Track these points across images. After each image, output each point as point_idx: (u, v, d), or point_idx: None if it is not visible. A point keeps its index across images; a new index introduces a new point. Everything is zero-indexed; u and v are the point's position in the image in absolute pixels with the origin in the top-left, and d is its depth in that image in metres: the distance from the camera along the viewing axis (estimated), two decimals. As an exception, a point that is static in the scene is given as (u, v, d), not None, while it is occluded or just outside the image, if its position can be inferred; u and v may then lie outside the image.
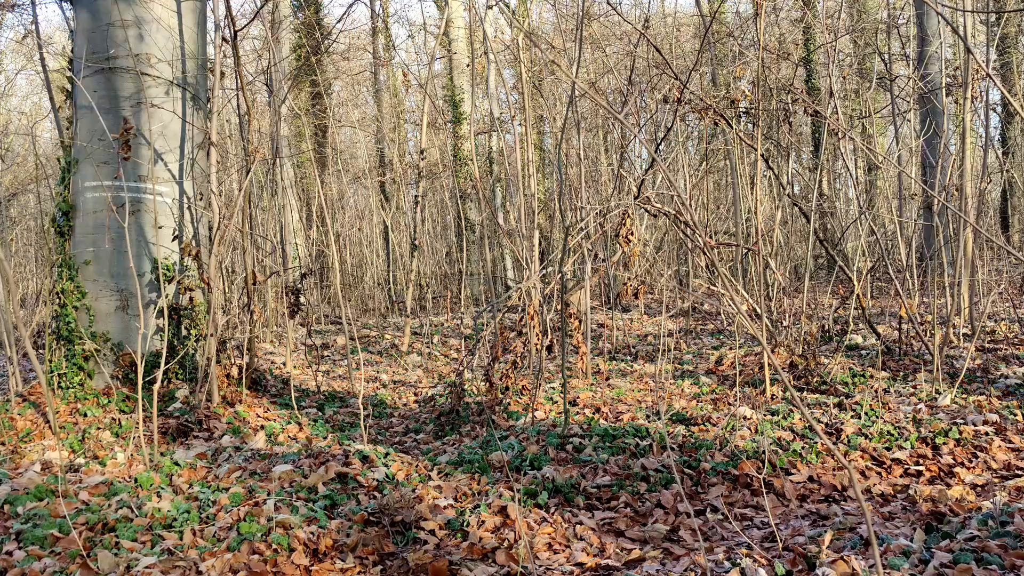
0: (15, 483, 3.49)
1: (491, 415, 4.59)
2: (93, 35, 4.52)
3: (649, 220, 10.31)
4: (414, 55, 19.76)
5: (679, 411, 4.54)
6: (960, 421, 3.91)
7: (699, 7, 9.38)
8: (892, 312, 7.23)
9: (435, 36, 14.58)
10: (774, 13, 9.81)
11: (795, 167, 12.40)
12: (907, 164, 8.93)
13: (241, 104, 6.26)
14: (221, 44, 5.26)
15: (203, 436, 4.23)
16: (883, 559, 2.39)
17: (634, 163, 11.77)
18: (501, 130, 12.52)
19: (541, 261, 8.96)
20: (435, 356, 7.75)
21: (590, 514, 3.27)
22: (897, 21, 11.52)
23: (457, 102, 11.98)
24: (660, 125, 11.00)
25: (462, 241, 10.32)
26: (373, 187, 14.56)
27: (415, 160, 11.93)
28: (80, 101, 4.50)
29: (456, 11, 12.00)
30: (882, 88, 13.00)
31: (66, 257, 4.49)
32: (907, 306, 5.22)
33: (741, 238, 7.38)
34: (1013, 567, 2.26)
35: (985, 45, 8.40)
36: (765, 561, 2.43)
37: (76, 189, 4.52)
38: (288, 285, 5.97)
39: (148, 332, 4.39)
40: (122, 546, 2.91)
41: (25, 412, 4.20)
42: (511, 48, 11.95)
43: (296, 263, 10.44)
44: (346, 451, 3.98)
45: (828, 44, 6.11)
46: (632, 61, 8.27)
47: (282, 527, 3.09)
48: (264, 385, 5.22)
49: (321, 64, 13.61)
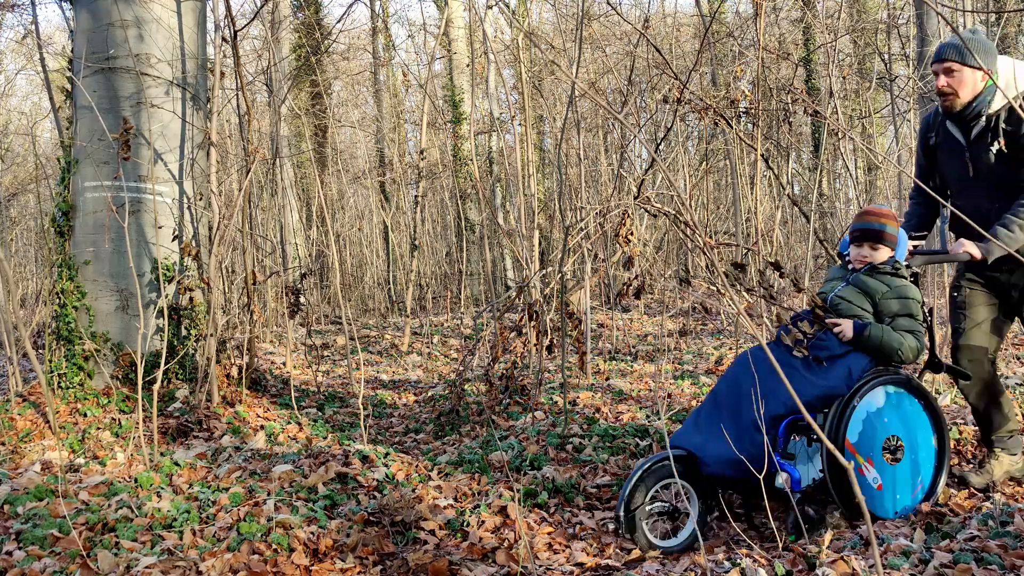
0: (15, 483, 3.49)
1: (491, 415, 4.59)
2: (93, 35, 4.52)
3: (649, 220, 10.31)
4: (414, 55, 19.78)
5: (679, 411, 4.55)
6: (960, 421, 3.91)
7: (699, 7, 9.39)
8: (892, 312, 7.22)
9: (435, 36, 14.59)
10: (774, 13, 9.81)
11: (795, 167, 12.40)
12: (907, 164, 8.93)
13: (241, 104, 6.26)
14: (221, 44, 5.26)
15: (203, 436, 4.23)
16: (883, 559, 2.39)
17: (634, 163, 11.77)
18: (501, 130, 12.53)
19: (541, 261, 8.96)
20: (435, 356, 7.75)
21: (590, 514, 3.27)
22: (897, 21, 11.53)
23: (457, 102, 11.98)
24: (660, 125, 11.00)
25: (462, 241, 10.32)
26: (373, 187, 14.56)
27: (415, 160, 11.93)
28: (80, 101, 4.50)
29: (456, 11, 12.01)
30: (882, 88, 13.01)
31: (66, 257, 4.49)
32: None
33: (741, 238, 7.38)
34: (1013, 567, 2.26)
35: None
36: (765, 561, 2.43)
37: (76, 189, 4.52)
38: (288, 285, 5.97)
39: (148, 332, 4.39)
40: (122, 546, 2.91)
41: (25, 412, 4.20)
42: (511, 48, 11.95)
43: (296, 263, 10.44)
44: (346, 451, 3.98)
45: (828, 44, 6.11)
46: (632, 61, 8.27)
47: (282, 527, 3.09)
48: (264, 385, 5.22)
49: (321, 64, 13.62)
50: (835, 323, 3.04)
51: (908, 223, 3.47)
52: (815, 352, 2.98)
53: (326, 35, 13.49)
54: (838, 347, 3.00)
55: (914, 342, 2.99)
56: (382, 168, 15.34)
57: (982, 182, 3.12)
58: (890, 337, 2.98)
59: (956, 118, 3.11)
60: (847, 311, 3.09)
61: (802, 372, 2.95)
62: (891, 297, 3.06)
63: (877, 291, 3.08)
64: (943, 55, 3.02)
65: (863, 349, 3.00)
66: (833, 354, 2.99)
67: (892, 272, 3.11)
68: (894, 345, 2.96)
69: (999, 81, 2.99)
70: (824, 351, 3.00)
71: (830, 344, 3.01)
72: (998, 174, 3.06)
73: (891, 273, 3.11)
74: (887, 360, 3.02)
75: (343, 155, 16.44)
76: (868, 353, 3.00)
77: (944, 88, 3.04)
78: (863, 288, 3.11)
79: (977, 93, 3.02)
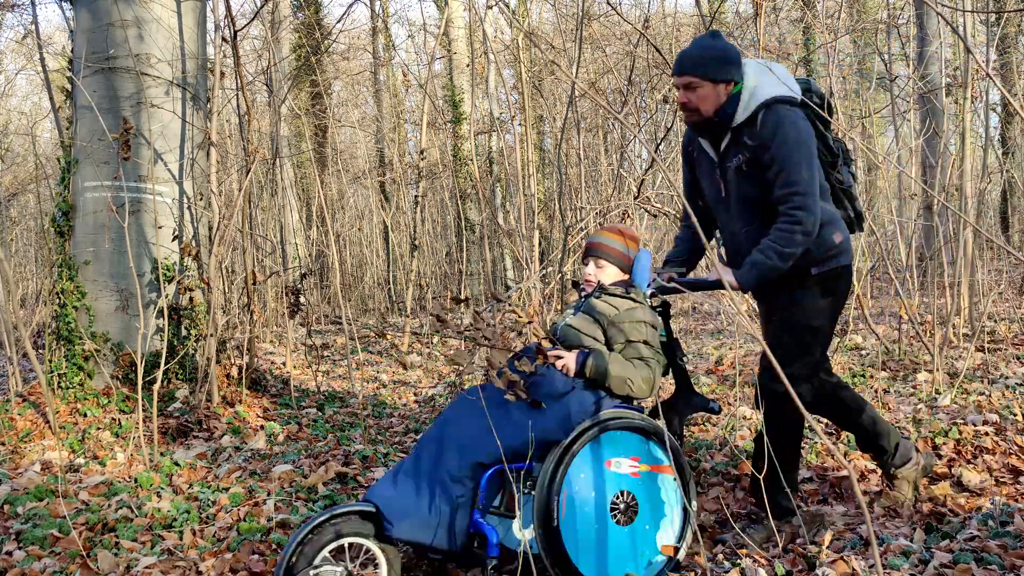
0: (15, 483, 3.49)
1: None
2: (93, 35, 4.52)
3: (649, 220, 10.31)
4: (414, 55, 19.77)
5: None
6: (960, 421, 3.91)
7: (699, 7, 9.39)
8: (892, 312, 7.23)
9: (435, 36, 14.58)
10: (774, 13, 9.81)
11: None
12: (907, 164, 8.93)
13: (241, 104, 6.26)
14: (221, 44, 5.26)
15: (203, 436, 4.23)
16: (883, 559, 2.39)
17: (634, 163, 11.76)
18: (501, 130, 12.52)
19: (541, 261, 8.96)
20: (435, 356, 7.75)
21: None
22: (897, 21, 11.53)
23: (457, 102, 11.97)
24: (660, 125, 11.00)
25: (462, 241, 10.32)
26: (373, 187, 14.56)
27: (415, 160, 11.92)
28: (80, 101, 4.50)
29: (456, 11, 12.00)
30: (882, 88, 13.01)
31: (66, 257, 4.49)
32: (907, 306, 5.22)
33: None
34: (1013, 567, 2.26)
35: (985, 45, 8.40)
36: (765, 561, 2.43)
37: (76, 189, 4.52)
38: (288, 285, 5.97)
39: (148, 332, 4.39)
40: (122, 546, 2.91)
41: (25, 412, 4.20)
42: (511, 48, 11.95)
43: (296, 263, 10.44)
44: (346, 451, 3.98)
45: (828, 44, 6.11)
46: (632, 61, 8.27)
47: (282, 527, 3.09)
48: (264, 385, 5.22)
49: (321, 64, 13.62)
50: (558, 355, 2.62)
51: (675, 248, 3.09)
52: (534, 393, 2.53)
53: (326, 35, 13.50)
54: (563, 384, 2.58)
55: (647, 373, 2.56)
56: (382, 168, 15.34)
57: (733, 202, 2.76)
58: (616, 368, 2.55)
59: (707, 133, 2.75)
60: (575, 341, 2.68)
61: (516, 415, 2.50)
62: (621, 322, 2.65)
63: (606, 315, 2.67)
64: (680, 68, 2.67)
65: (592, 385, 2.58)
66: (556, 393, 2.56)
67: (623, 295, 2.71)
68: (623, 376, 2.54)
69: (743, 91, 2.64)
70: (545, 390, 2.56)
71: (554, 381, 2.59)
72: (746, 193, 2.70)
73: (622, 296, 2.71)
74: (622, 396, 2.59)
75: (343, 155, 16.44)
76: (598, 389, 2.58)
77: (686, 104, 2.68)
78: (592, 314, 2.71)
79: (720, 105, 2.65)
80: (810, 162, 2.58)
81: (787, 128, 2.57)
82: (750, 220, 2.71)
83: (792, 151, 2.56)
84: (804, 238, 2.56)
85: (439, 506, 2.40)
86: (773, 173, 2.59)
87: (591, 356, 2.57)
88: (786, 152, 2.56)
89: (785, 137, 2.57)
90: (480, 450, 2.43)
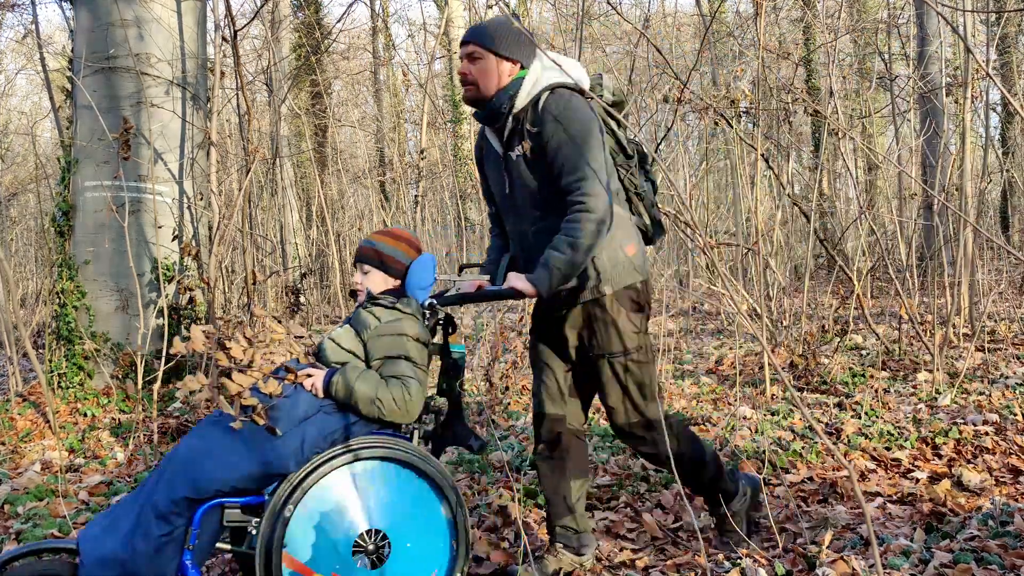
0: (15, 483, 3.49)
1: (491, 415, 4.59)
2: (93, 35, 4.52)
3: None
4: (414, 55, 19.79)
5: (679, 411, 4.54)
6: (960, 421, 3.91)
7: (699, 7, 9.40)
8: (892, 312, 7.23)
9: (435, 36, 14.59)
10: (774, 13, 9.82)
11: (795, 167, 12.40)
12: (907, 164, 8.93)
13: (241, 104, 6.26)
14: (221, 44, 5.26)
15: (203, 436, 4.22)
16: (883, 559, 2.39)
17: (634, 163, 11.75)
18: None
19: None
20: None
21: (590, 514, 3.26)
22: (897, 21, 11.53)
23: (457, 102, 11.98)
24: (660, 125, 11.01)
25: (462, 241, 10.32)
26: (373, 187, 14.56)
27: (415, 160, 11.93)
28: (80, 101, 4.50)
29: (456, 11, 12.01)
30: (882, 88, 13.01)
31: (66, 257, 4.49)
32: (907, 306, 5.22)
33: (741, 238, 7.38)
34: (1013, 567, 2.26)
35: (985, 45, 8.40)
36: (765, 561, 2.43)
37: (76, 189, 4.52)
38: (288, 285, 5.98)
39: (148, 332, 4.39)
40: (122, 546, 2.91)
41: (25, 412, 4.20)
42: (511, 48, 11.94)
43: (296, 263, 10.44)
44: (346, 451, 3.97)
45: (828, 44, 6.11)
46: (632, 61, 8.27)
47: (282, 527, 3.08)
48: (264, 385, 5.21)
49: (321, 64, 13.62)
50: (308, 374, 2.33)
51: (488, 256, 2.81)
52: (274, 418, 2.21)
53: (326, 35, 13.50)
54: (308, 407, 2.26)
55: (400, 392, 2.23)
56: (382, 168, 15.34)
57: (519, 197, 2.52)
58: (363, 386, 2.23)
59: (489, 120, 2.53)
60: (333, 357, 2.38)
61: (244, 443, 2.17)
62: (380, 335, 2.33)
63: (367, 327, 2.37)
64: (466, 37, 2.48)
65: (343, 407, 2.26)
66: (298, 417, 2.23)
67: (388, 305, 2.40)
68: (370, 395, 2.22)
69: (528, 77, 2.45)
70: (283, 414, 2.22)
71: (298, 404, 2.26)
72: (531, 187, 2.46)
73: (388, 306, 2.40)
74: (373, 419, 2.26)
75: (343, 155, 16.44)
76: (348, 411, 2.26)
77: (465, 75, 2.48)
78: (356, 326, 2.41)
79: (502, 87, 2.46)
80: (597, 148, 2.38)
81: (571, 112, 2.38)
82: (539, 216, 2.47)
83: (576, 135, 2.36)
84: (597, 225, 2.33)
85: (135, 545, 2.07)
86: (559, 161, 2.38)
87: (335, 374, 2.28)
88: (570, 136, 2.36)
89: (569, 121, 2.37)
90: (185, 483, 2.10)
